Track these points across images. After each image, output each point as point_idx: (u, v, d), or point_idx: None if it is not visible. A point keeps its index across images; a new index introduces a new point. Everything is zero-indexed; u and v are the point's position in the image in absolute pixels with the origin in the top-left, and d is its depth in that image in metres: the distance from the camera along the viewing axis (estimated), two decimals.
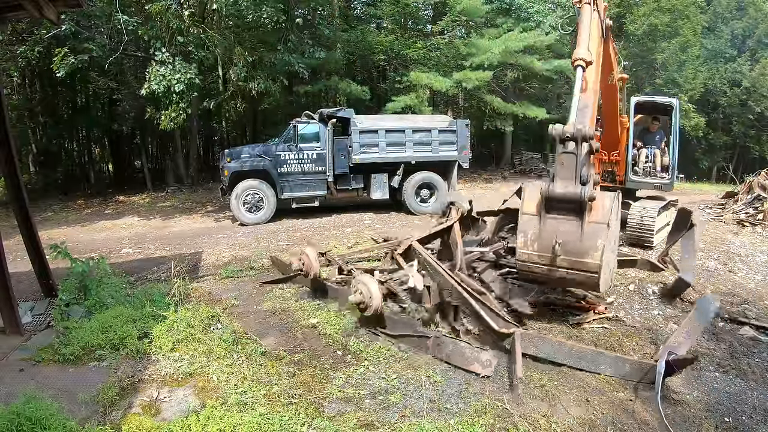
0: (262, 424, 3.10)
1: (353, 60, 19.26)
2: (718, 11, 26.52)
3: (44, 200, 14.89)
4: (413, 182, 11.24)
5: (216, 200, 13.72)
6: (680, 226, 5.55)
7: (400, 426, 3.12)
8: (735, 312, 5.08)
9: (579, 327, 4.60)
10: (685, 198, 12.92)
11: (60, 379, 3.77)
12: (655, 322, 4.79)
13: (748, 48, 25.84)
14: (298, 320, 4.88)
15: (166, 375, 3.79)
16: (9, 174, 5.12)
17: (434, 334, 4.05)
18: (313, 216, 11.14)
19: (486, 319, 3.91)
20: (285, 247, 8.06)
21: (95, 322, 4.43)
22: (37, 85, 18.28)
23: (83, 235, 10.29)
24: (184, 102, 11.86)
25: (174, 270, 6.02)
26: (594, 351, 3.80)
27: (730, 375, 3.85)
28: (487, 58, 16.11)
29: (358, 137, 10.73)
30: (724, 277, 6.21)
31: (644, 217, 7.28)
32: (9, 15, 4.65)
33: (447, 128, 11.42)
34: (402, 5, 18.58)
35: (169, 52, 11.30)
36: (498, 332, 3.84)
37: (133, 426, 3.10)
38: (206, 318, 4.69)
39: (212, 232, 10.01)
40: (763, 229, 8.83)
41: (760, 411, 3.38)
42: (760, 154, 25.40)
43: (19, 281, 6.08)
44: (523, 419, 3.19)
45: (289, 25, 13.70)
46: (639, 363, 3.62)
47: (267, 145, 10.96)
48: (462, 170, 12.52)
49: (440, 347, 3.93)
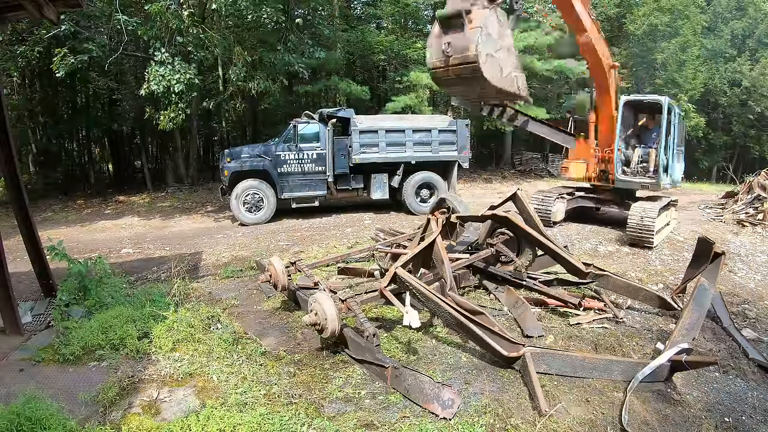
0: (262, 424, 3.10)
1: (353, 60, 19.28)
2: (718, 11, 26.54)
3: (44, 200, 14.89)
4: (413, 182, 11.25)
5: (216, 200, 13.72)
6: (701, 259, 4.92)
7: (400, 426, 3.12)
8: (735, 312, 5.08)
9: (579, 327, 4.60)
10: (684, 198, 12.94)
11: (60, 379, 3.77)
12: (655, 322, 4.79)
13: (748, 48, 25.85)
14: (298, 320, 4.88)
15: (166, 375, 3.80)
16: (9, 174, 5.12)
17: (392, 363, 3.57)
18: (313, 216, 11.14)
19: (491, 345, 3.68)
20: (285, 247, 8.07)
21: (95, 322, 4.43)
22: (37, 85, 18.28)
23: (83, 235, 10.29)
24: (184, 102, 11.86)
25: (174, 270, 6.03)
26: (606, 360, 3.75)
27: (730, 375, 3.85)
28: None
29: (358, 137, 10.74)
30: (724, 277, 6.20)
31: (644, 217, 7.28)
32: (9, 15, 4.65)
33: (447, 128, 11.42)
34: (402, 5, 18.60)
35: (168, 53, 11.30)
36: (507, 357, 3.65)
37: (133, 426, 3.10)
38: (206, 318, 4.69)
39: (212, 232, 10.01)
40: (763, 229, 8.84)
41: (760, 411, 3.38)
42: (760, 154, 25.42)
43: (19, 281, 6.09)
44: (524, 419, 3.19)
45: (289, 25, 13.70)
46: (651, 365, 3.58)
47: (267, 145, 10.95)
48: (462, 170, 12.53)
49: (398, 379, 3.51)
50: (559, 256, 5.02)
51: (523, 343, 3.84)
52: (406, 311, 3.82)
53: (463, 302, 4.27)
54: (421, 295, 4.06)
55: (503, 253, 5.55)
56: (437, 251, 4.77)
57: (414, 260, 4.75)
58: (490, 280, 5.58)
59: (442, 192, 11.37)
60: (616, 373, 3.66)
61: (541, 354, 3.72)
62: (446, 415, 3.21)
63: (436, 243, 4.78)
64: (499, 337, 3.77)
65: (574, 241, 7.89)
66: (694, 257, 5.08)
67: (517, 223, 5.12)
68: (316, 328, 3.97)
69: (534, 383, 3.38)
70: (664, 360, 3.56)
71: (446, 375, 3.73)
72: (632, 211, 7.45)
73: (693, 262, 5.06)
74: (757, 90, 23.88)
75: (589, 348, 4.25)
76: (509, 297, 5.11)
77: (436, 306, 3.97)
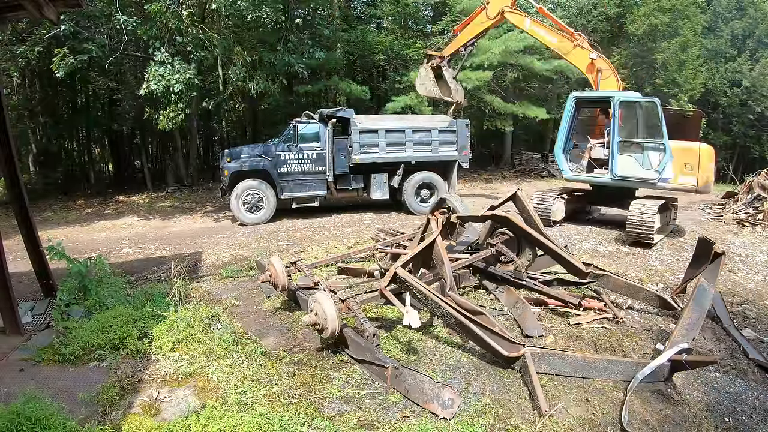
0: (262, 424, 3.10)
1: (353, 60, 19.26)
2: (718, 11, 26.56)
3: (44, 200, 14.89)
4: (413, 182, 11.24)
5: (216, 200, 13.72)
6: (701, 259, 4.86)
7: (400, 426, 3.12)
8: (735, 312, 5.08)
9: (579, 327, 4.60)
10: (684, 198, 12.92)
11: (60, 379, 3.77)
12: (655, 322, 4.79)
13: (748, 48, 25.86)
14: (298, 320, 4.87)
15: (166, 375, 3.80)
16: (9, 174, 5.12)
17: (392, 363, 3.58)
18: (313, 216, 11.14)
19: (491, 345, 3.70)
20: (285, 247, 8.07)
21: (95, 322, 4.43)
22: (37, 85, 18.26)
23: (83, 235, 10.29)
24: (183, 102, 11.85)
25: (174, 270, 6.02)
26: (606, 360, 3.78)
27: (730, 375, 3.85)
28: (487, 58, 16.10)
29: (358, 137, 10.73)
30: (724, 277, 6.20)
31: (644, 214, 7.28)
32: (9, 15, 4.65)
33: (447, 128, 11.41)
34: (402, 5, 18.58)
35: (168, 52, 11.29)
36: (507, 357, 3.67)
37: (133, 426, 3.10)
38: (206, 318, 4.69)
39: (212, 232, 10.01)
40: (763, 229, 8.83)
41: (760, 411, 3.38)
42: (760, 154, 25.42)
43: (19, 281, 6.09)
44: (523, 419, 3.19)
45: (289, 25, 13.69)
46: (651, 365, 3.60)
47: (267, 145, 10.95)
48: (462, 170, 12.51)
49: (398, 379, 3.52)
50: (559, 256, 5.01)
51: (523, 343, 3.84)
52: (406, 311, 3.82)
53: (463, 302, 4.26)
54: (421, 294, 4.05)
55: (503, 253, 5.55)
56: (437, 251, 4.75)
57: (414, 260, 4.73)
58: (490, 280, 5.58)
59: (442, 192, 11.37)
60: (616, 373, 3.67)
61: (541, 354, 3.73)
62: (446, 415, 3.20)
63: (436, 243, 4.75)
64: (499, 337, 3.77)
65: (574, 241, 7.89)
66: (694, 257, 5.04)
67: (517, 223, 5.11)
68: (316, 328, 3.97)
69: (534, 383, 3.38)
70: (664, 360, 3.57)
71: (446, 375, 3.73)
72: (632, 209, 7.45)
73: (693, 263, 5.02)
74: (757, 90, 23.88)
75: (589, 348, 4.25)
76: (509, 297, 5.10)
77: (436, 306, 3.96)
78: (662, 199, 7.95)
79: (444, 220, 5.47)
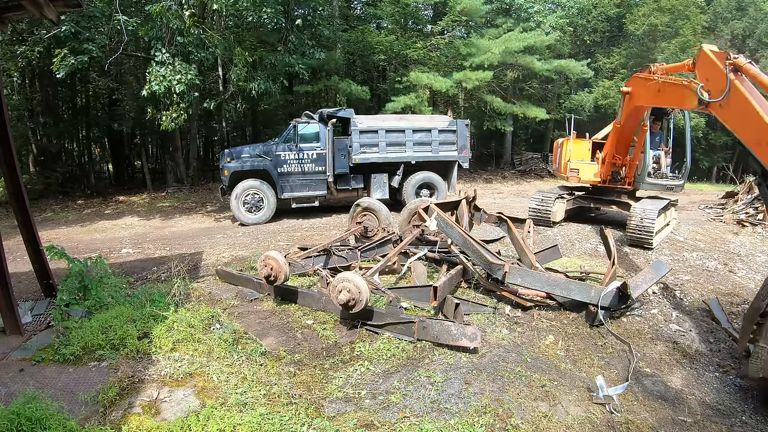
0: (262, 424, 3.10)
1: (353, 60, 19.28)
2: (718, 11, 26.53)
3: (44, 200, 14.90)
4: (413, 182, 11.25)
5: (216, 200, 13.72)
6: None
7: (400, 426, 3.12)
8: (735, 312, 5.08)
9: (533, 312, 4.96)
10: (684, 198, 12.92)
11: (60, 379, 3.77)
12: (655, 321, 4.80)
13: (748, 48, 25.84)
14: (298, 320, 4.88)
15: (166, 375, 3.79)
16: (9, 174, 5.12)
17: (418, 318, 4.27)
18: (313, 216, 11.14)
19: (485, 255, 5.00)
20: (285, 247, 8.06)
21: (95, 322, 4.43)
22: (37, 85, 18.29)
23: (83, 235, 10.29)
24: (185, 102, 11.86)
25: (174, 270, 6.03)
26: (566, 280, 4.92)
27: (730, 375, 3.85)
28: (487, 58, 16.12)
29: (358, 137, 10.74)
30: (724, 277, 6.21)
31: (644, 218, 7.28)
32: (9, 15, 4.64)
33: (447, 128, 11.42)
34: (402, 5, 18.58)
35: (169, 53, 11.30)
36: (494, 262, 4.87)
37: (133, 426, 3.10)
38: (206, 318, 4.69)
39: (212, 232, 10.01)
40: (763, 229, 8.83)
41: (760, 411, 3.38)
42: None
43: (19, 281, 6.09)
44: (524, 419, 3.19)
45: (289, 26, 13.71)
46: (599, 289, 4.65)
47: (267, 145, 10.95)
48: (462, 170, 12.52)
49: (426, 329, 4.21)
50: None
51: (505, 262, 4.92)
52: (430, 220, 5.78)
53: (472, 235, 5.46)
54: (443, 220, 5.63)
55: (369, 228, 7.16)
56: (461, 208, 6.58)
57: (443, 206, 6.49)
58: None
59: (443, 192, 11.38)
60: (574, 293, 4.69)
61: (519, 270, 4.92)
62: (474, 344, 3.97)
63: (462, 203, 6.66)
64: (492, 254, 5.09)
65: (574, 241, 7.89)
66: None
67: None
68: (350, 304, 4.33)
69: None
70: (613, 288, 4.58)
71: (446, 375, 3.74)
72: (632, 212, 7.45)
73: None
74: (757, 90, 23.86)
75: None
76: None
77: (452, 229, 5.51)
78: (663, 200, 7.96)
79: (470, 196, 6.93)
